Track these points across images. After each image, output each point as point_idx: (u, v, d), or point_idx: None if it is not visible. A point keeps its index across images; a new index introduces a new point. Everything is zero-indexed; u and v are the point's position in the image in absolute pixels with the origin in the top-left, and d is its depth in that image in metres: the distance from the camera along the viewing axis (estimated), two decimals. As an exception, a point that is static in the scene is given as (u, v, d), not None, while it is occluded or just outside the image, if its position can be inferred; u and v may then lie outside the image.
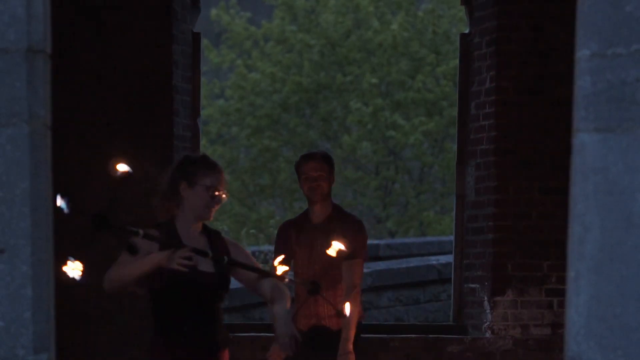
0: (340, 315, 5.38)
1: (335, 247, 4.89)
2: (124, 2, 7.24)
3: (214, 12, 20.15)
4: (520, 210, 7.31)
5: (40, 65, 2.44)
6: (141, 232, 4.42)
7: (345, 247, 4.99)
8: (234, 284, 9.65)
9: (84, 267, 4.32)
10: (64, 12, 7.06)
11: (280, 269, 4.66)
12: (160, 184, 4.74)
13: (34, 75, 2.42)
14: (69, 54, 7.16)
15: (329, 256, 5.14)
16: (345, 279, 5.78)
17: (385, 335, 7.41)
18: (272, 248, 11.79)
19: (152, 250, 4.56)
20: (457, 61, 8.44)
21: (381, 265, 10.74)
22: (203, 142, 17.03)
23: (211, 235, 4.78)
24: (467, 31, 7.69)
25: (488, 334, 7.38)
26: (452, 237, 8.13)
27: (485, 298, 7.39)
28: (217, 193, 4.63)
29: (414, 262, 11.36)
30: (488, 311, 7.37)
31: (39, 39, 2.43)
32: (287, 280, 4.69)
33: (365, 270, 11.00)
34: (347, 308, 5.03)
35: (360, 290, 5.94)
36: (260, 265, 4.99)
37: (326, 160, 5.95)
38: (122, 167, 4.49)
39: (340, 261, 5.66)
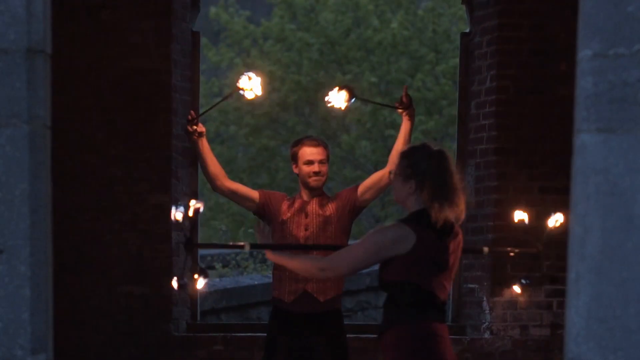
0: None
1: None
2: (123, 2, 7.23)
3: (213, 10, 20.14)
4: (520, 211, 7.29)
5: (40, 65, 2.43)
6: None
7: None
8: (231, 283, 9.67)
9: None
10: (64, 12, 7.06)
11: None
12: None
13: (34, 75, 2.41)
14: (69, 54, 7.15)
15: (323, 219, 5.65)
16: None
17: (384, 335, 7.39)
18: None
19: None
20: (457, 60, 8.43)
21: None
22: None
23: None
24: (467, 30, 7.67)
25: (487, 335, 7.37)
26: (451, 237, 8.09)
27: (484, 298, 7.38)
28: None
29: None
30: (487, 311, 7.35)
31: (38, 39, 2.42)
32: None
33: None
34: None
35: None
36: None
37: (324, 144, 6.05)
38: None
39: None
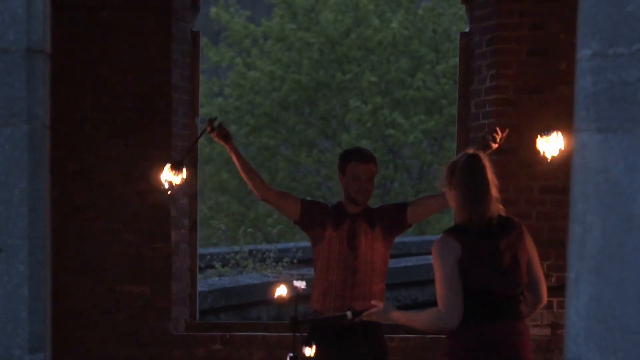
0: None
1: None
2: (123, 2, 7.23)
3: (213, 10, 20.15)
4: (520, 210, 7.28)
5: (39, 65, 2.43)
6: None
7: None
8: (230, 282, 9.68)
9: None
10: (64, 12, 7.06)
11: None
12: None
13: (33, 75, 2.41)
14: (69, 54, 7.16)
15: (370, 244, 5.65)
16: None
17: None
18: (269, 247, 11.80)
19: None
20: (457, 59, 8.42)
21: (379, 264, 10.70)
22: (201, 140, 16.85)
23: None
24: (467, 30, 7.67)
25: (487, 334, 7.36)
26: (451, 236, 8.07)
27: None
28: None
29: (412, 261, 11.34)
30: (487, 311, 7.34)
31: (38, 39, 2.42)
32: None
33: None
34: None
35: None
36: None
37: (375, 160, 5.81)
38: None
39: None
